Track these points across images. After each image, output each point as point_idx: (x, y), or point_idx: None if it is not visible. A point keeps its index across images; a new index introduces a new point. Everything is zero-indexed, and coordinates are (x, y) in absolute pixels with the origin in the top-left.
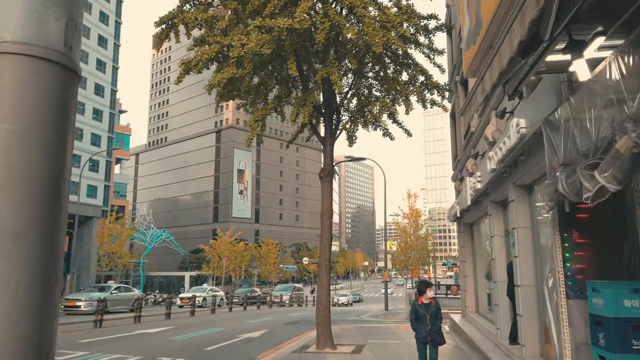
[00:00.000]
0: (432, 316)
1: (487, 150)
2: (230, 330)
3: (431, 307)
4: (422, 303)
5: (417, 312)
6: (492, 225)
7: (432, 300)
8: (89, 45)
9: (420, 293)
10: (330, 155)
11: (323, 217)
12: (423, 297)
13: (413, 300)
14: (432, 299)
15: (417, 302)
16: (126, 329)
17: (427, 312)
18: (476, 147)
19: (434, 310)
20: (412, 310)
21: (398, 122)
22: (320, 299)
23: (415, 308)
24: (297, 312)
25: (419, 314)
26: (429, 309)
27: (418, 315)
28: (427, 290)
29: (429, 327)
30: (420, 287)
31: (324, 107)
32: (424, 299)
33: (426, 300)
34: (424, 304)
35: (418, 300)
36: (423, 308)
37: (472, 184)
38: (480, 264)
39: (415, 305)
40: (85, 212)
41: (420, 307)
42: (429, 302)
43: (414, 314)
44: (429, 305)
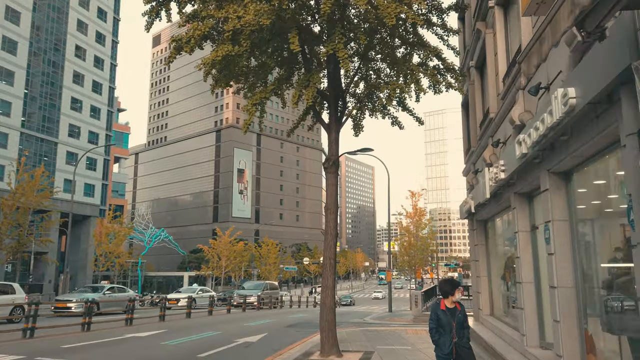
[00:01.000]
0: (459, 325)
1: (512, 136)
2: (226, 333)
3: (457, 313)
4: (445, 308)
5: (439, 319)
6: (516, 220)
7: (456, 304)
8: (87, 42)
9: (444, 295)
10: (336, 144)
11: (328, 212)
12: (447, 301)
13: (432, 304)
14: (457, 302)
15: (440, 306)
16: (116, 333)
17: (453, 319)
18: (495, 134)
19: (460, 317)
20: (432, 317)
21: (408, 109)
22: (324, 302)
23: (436, 314)
24: (298, 313)
25: (442, 321)
26: (455, 315)
27: (441, 323)
28: (456, 292)
29: (456, 339)
30: (444, 287)
31: (329, 91)
32: (447, 302)
33: (450, 305)
34: (448, 309)
35: (440, 303)
36: (447, 314)
37: (493, 175)
38: (495, 264)
39: (436, 310)
40: (83, 211)
41: (444, 313)
42: (454, 307)
43: (435, 321)
44: (454, 310)
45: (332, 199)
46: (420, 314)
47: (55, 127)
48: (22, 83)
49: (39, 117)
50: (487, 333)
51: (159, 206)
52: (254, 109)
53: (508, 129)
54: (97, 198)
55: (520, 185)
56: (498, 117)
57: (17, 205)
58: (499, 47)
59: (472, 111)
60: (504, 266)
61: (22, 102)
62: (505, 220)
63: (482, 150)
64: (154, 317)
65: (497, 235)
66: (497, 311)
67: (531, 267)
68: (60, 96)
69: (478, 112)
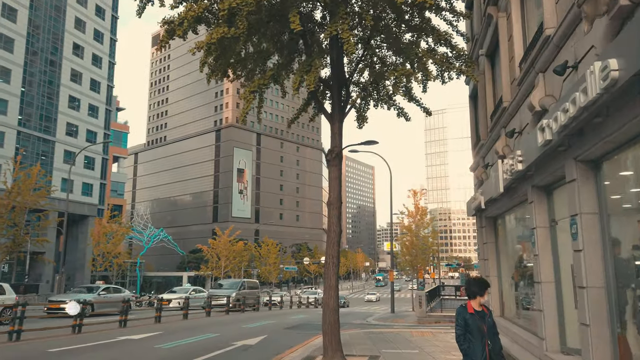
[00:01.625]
0: (490, 330)
1: (530, 124)
2: (224, 336)
3: (486, 315)
4: (474, 311)
5: (467, 324)
6: (534, 215)
7: (484, 308)
8: (84, 40)
9: (472, 296)
10: (339, 135)
11: (331, 207)
12: (474, 303)
13: (459, 309)
14: (484, 305)
15: (467, 309)
16: (108, 335)
17: (484, 323)
18: (509, 124)
19: (490, 321)
20: (459, 323)
21: (415, 98)
22: (327, 303)
23: (464, 318)
24: (299, 314)
25: (470, 327)
26: (485, 319)
27: (469, 329)
28: (485, 293)
29: (489, 346)
30: (472, 288)
31: (332, 79)
32: (475, 304)
33: (478, 307)
34: (476, 312)
35: (467, 306)
36: (476, 318)
37: (508, 167)
38: (506, 263)
39: (463, 314)
40: (80, 210)
41: (473, 318)
42: (482, 310)
43: (463, 327)
44: (483, 314)
45: (335, 193)
46: (425, 315)
47: (53, 126)
48: (18, 81)
49: (36, 116)
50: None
51: (159, 206)
52: (251, 97)
53: (525, 116)
54: (96, 197)
55: (540, 177)
56: (512, 106)
57: (13, 205)
58: (515, 30)
59: (482, 102)
60: (516, 265)
61: (19, 100)
62: (517, 216)
63: (493, 142)
64: (150, 319)
65: (508, 233)
66: (508, 312)
67: (551, 266)
68: (57, 94)
69: (489, 102)
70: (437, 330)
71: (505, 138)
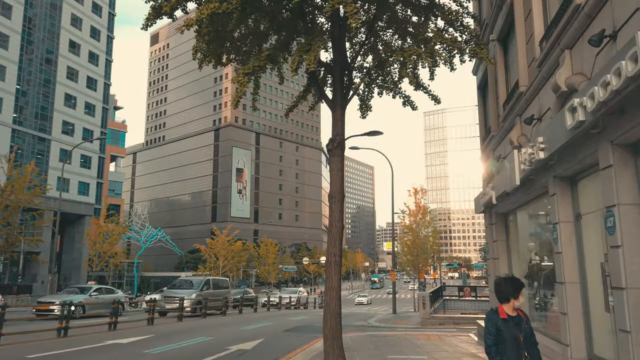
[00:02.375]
0: (527, 338)
1: (553, 108)
2: (219, 339)
3: (522, 322)
4: (507, 316)
5: (500, 332)
6: (556, 209)
7: (519, 312)
8: (81, 37)
9: (504, 299)
10: (341, 122)
11: (332, 200)
12: (507, 306)
13: (489, 313)
14: (519, 310)
15: (498, 314)
16: (96, 339)
17: (519, 331)
18: (526, 111)
19: (527, 328)
20: (489, 330)
21: (423, 85)
22: (328, 305)
23: (496, 326)
24: (298, 315)
25: (503, 335)
26: (520, 326)
27: (502, 337)
28: (520, 295)
29: (527, 358)
30: (504, 289)
31: (334, 62)
32: (508, 309)
33: (512, 312)
34: (510, 317)
35: (498, 311)
36: (511, 325)
37: (527, 157)
38: (518, 262)
39: (495, 320)
40: (77, 210)
41: (506, 325)
42: (517, 315)
43: (495, 335)
44: (519, 319)
45: (337, 185)
46: (429, 316)
47: (49, 124)
48: (13, 78)
49: (31, 114)
50: None
51: (157, 206)
52: (245, 79)
53: (546, 100)
54: (92, 197)
55: (564, 166)
56: (530, 90)
57: (6, 204)
58: (535, 5)
59: (492, 92)
60: (530, 264)
61: (14, 97)
62: (531, 212)
63: (505, 133)
64: (142, 321)
65: (521, 230)
66: None
67: (575, 264)
68: (53, 92)
69: (501, 90)
70: (443, 333)
71: (520, 127)
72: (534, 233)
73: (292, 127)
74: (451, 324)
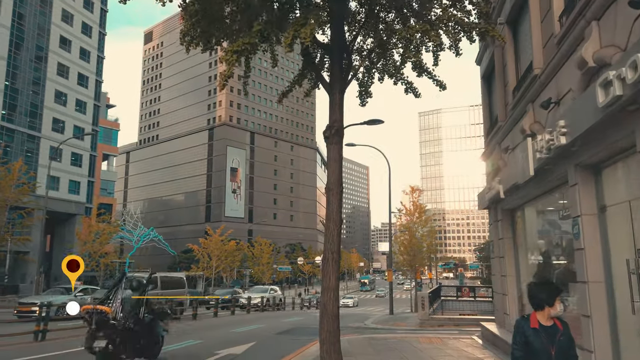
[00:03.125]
0: (562, 352)
1: (578, 88)
2: (208, 342)
3: (558, 334)
4: (539, 326)
5: (529, 343)
6: (578, 200)
7: (556, 321)
8: (72, 33)
9: (537, 306)
10: (340, 107)
11: (330, 193)
12: (541, 315)
13: (518, 320)
14: (556, 318)
15: (529, 323)
16: (74, 343)
17: (552, 344)
18: (540, 95)
19: (564, 341)
20: (516, 340)
21: (427, 70)
22: (325, 307)
23: (524, 336)
24: (293, 316)
25: (533, 347)
26: (554, 338)
27: (532, 349)
28: (556, 302)
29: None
30: (538, 294)
31: (331, 41)
32: (542, 317)
33: (547, 321)
34: (542, 327)
35: (530, 319)
36: (542, 336)
37: (544, 144)
38: (525, 260)
39: (524, 329)
40: (67, 208)
41: (537, 335)
42: (553, 325)
43: (523, 346)
44: (554, 330)
45: (335, 176)
46: (428, 317)
47: (38, 121)
48: (2, 74)
49: (20, 110)
50: None
51: (151, 206)
52: (233, 58)
53: (567, 80)
54: (83, 195)
55: (589, 153)
56: (547, 72)
57: None
58: None
59: (500, 80)
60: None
61: (3, 94)
62: (541, 206)
63: (515, 121)
64: None
65: (530, 226)
66: None
67: (600, 262)
68: (43, 89)
69: (510, 76)
70: (445, 335)
71: (533, 113)
72: (545, 229)
73: (287, 127)
74: (451, 325)
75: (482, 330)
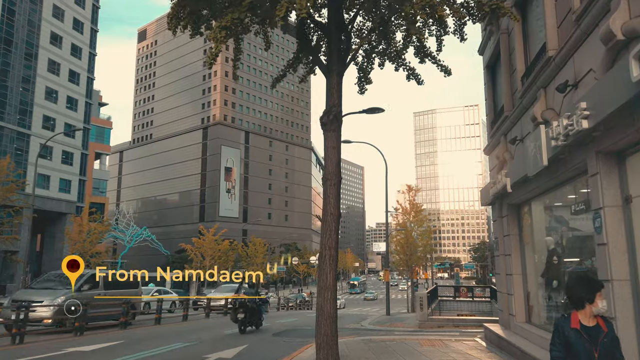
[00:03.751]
0: (606, 354)
1: (601, 65)
2: (197, 346)
3: (601, 335)
4: (580, 326)
5: (569, 345)
6: (600, 191)
7: (599, 320)
8: (63, 29)
9: (577, 304)
10: (337, 92)
11: (327, 183)
12: (582, 314)
13: (558, 320)
14: (600, 317)
15: (569, 322)
16: (54, 346)
17: (594, 347)
18: (555, 79)
19: (607, 342)
20: (555, 340)
21: (430, 54)
22: (321, 308)
23: (564, 336)
24: (288, 317)
25: (574, 349)
26: (597, 339)
27: (572, 351)
28: (597, 298)
29: None
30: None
31: (329, 20)
32: (583, 316)
33: (589, 321)
34: (584, 327)
35: (571, 319)
36: (583, 337)
37: (562, 130)
38: (533, 258)
39: (564, 329)
40: (57, 207)
41: (578, 336)
42: (596, 325)
43: (562, 347)
44: (597, 330)
45: (332, 166)
46: (426, 318)
47: (28, 119)
48: None
49: (10, 107)
50: (535, 349)
51: (145, 205)
52: (221, 35)
53: (588, 60)
54: (74, 194)
55: (613, 138)
56: (563, 53)
57: None
58: None
59: (506, 68)
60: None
61: None
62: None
63: (524, 110)
64: (115, 324)
65: (537, 222)
66: (536, 319)
67: (625, 258)
68: (33, 85)
69: (519, 63)
70: (446, 337)
71: (545, 100)
72: (555, 225)
73: (282, 126)
74: (451, 326)
75: (485, 331)
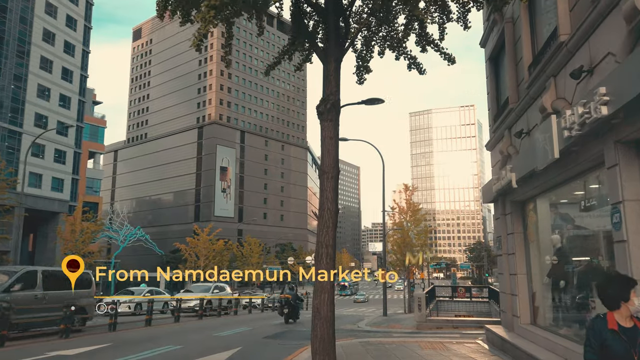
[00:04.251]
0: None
1: (623, 46)
2: (188, 349)
3: (639, 334)
4: (618, 327)
5: (606, 346)
6: (619, 184)
7: (636, 322)
8: (56, 26)
9: (613, 305)
10: (335, 79)
11: (324, 177)
12: (618, 314)
13: (593, 320)
14: (636, 319)
15: (606, 323)
16: (36, 350)
17: (634, 348)
18: (567, 65)
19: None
20: (591, 342)
21: (433, 41)
22: (318, 310)
23: (601, 337)
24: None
25: (612, 351)
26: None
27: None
28: (632, 296)
29: None
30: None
31: (326, 2)
32: (620, 316)
33: (626, 322)
34: (622, 328)
35: (607, 319)
36: (621, 338)
37: (577, 119)
38: (538, 258)
39: (601, 330)
40: (50, 207)
41: (616, 337)
42: (633, 326)
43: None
44: (635, 332)
45: (330, 158)
46: (425, 319)
47: (20, 116)
48: None
49: (1, 105)
50: (543, 352)
51: (140, 205)
52: (210, 15)
53: (605, 43)
54: (67, 193)
55: (635, 126)
56: (576, 38)
57: None
58: None
59: (511, 58)
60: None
61: None
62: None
63: (531, 101)
64: (103, 326)
65: (543, 219)
66: (541, 320)
67: None
68: (25, 83)
69: (526, 52)
70: (446, 339)
71: (555, 89)
72: (563, 222)
73: (277, 126)
74: (450, 327)
75: (487, 333)
